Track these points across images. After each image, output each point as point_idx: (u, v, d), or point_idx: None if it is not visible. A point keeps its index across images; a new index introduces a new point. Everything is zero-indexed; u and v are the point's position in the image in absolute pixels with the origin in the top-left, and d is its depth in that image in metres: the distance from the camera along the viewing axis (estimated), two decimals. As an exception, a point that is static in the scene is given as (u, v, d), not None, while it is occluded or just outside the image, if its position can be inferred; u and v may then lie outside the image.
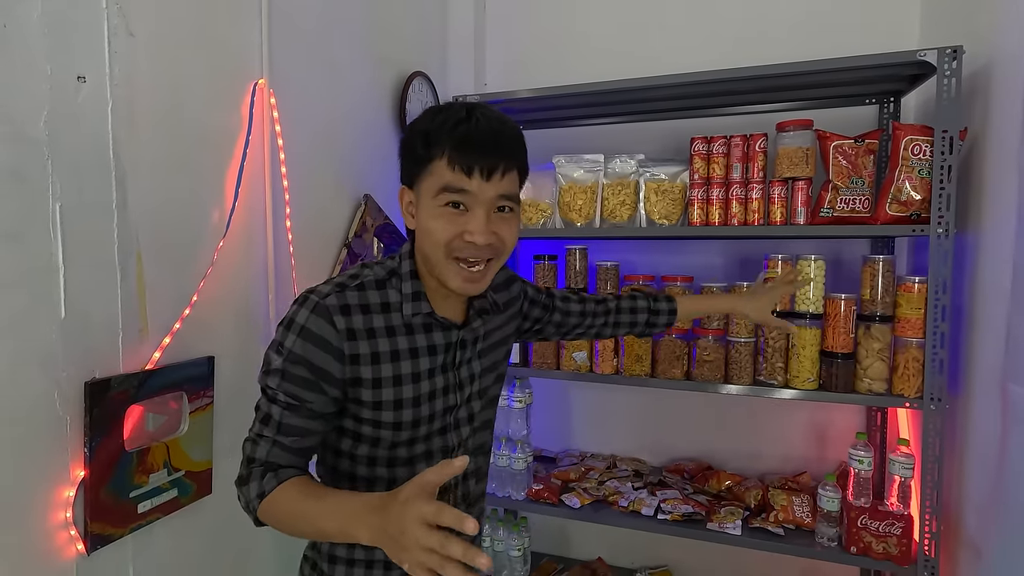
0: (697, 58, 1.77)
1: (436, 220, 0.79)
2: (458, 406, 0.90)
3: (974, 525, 1.36)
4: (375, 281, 0.84)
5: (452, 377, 0.89)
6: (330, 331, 0.78)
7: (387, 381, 0.82)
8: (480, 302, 0.91)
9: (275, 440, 0.79)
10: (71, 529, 0.95)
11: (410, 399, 0.84)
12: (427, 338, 0.85)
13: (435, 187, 0.79)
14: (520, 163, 0.83)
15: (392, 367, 0.82)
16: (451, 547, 0.58)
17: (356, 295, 0.81)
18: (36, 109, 0.89)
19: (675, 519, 1.68)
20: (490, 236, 0.79)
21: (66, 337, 0.94)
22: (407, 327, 0.84)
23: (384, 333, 0.82)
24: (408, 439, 0.86)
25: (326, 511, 0.71)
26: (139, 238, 1.05)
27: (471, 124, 0.78)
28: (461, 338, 0.88)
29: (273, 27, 1.33)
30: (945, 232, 1.37)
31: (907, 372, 1.46)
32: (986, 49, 1.35)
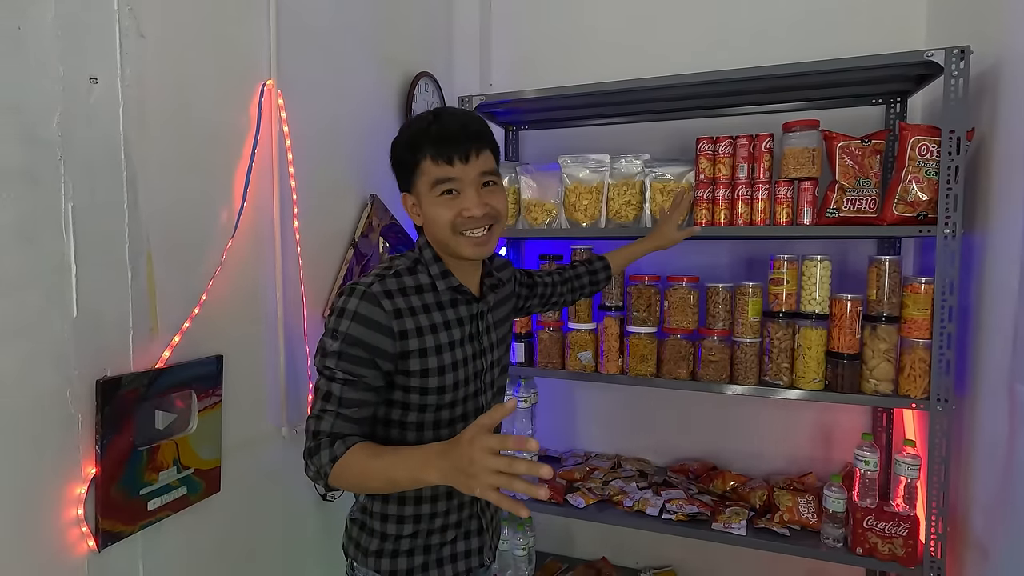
0: (703, 58, 1.77)
1: (437, 208, 0.95)
2: (484, 371, 1.05)
3: (981, 526, 1.36)
4: (406, 268, 0.98)
5: (476, 345, 1.03)
6: (380, 313, 0.91)
7: (431, 351, 0.95)
8: (490, 280, 1.07)
9: (338, 412, 0.90)
10: (82, 526, 0.96)
11: (449, 365, 0.98)
12: (455, 312, 1.00)
13: (428, 183, 0.95)
14: (489, 143, 0.98)
15: (433, 338, 0.96)
16: (517, 465, 0.70)
17: (394, 281, 0.95)
18: (49, 110, 0.90)
19: (680, 519, 1.68)
20: (484, 207, 0.95)
21: (78, 336, 0.95)
22: (438, 304, 0.99)
23: (422, 310, 0.96)
24: (450, 402, 0.99)
25: (396, 463, 0.82)
26: (150, 238, 1.06)
27: (440, 124, 0.94)
28: (480, 310, 1.04)
29: (281, 28, 1.34)
30: (952, 233, 1.37)
31: (914, 373, 1.46)
32: (994, 49, 1.35)
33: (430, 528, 1.02)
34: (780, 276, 1.59)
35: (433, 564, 1.02)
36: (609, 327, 1.76)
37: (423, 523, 1.02)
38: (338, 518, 1.57)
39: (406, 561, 1.02)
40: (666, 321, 1.71)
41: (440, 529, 1.03)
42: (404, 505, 1.01)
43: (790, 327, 1.59)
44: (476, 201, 0.93)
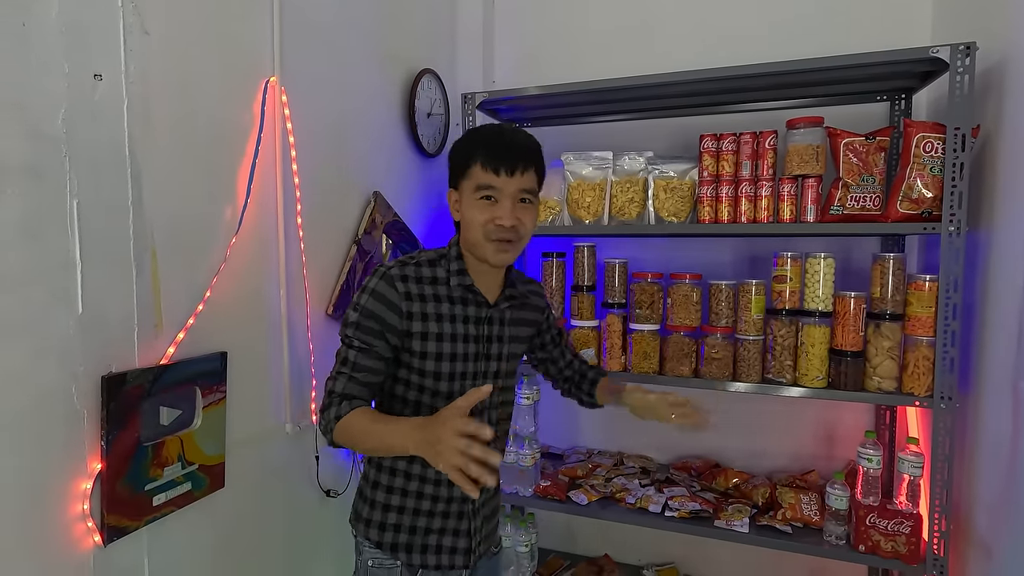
0: (706, 55, 1.77)
1: (474, 210, 1.03)
2: (484, 374, 1.09)
3: (984, 524, 1.36)
4: (427, 261, 1.08)
5: (482, 347, 1.09)
6: (393, 293, 1.01)
7: (432, 336, 1.04)
8: (511, 290, 1.13)
9: (350, 376, 1.01)
10: (88, 521, 0.97)
11: (448, 354, 1.05)
12: (464, 308, 1.07)
13: (473, 186, 1.03)
14: (536, 165, 1.06)
15: (437, 325, 1.04)
16: (474, 448, 0.78)
17: (413, 268, 1.05)
18: (54, 107, 0.91)
19: (682, 516, 1.68)
20: (514, 219, 1.02)
21: (83, 332, 0.95)
22: (449, 297, 1.06)
23: (432, 299, 1.04)
24: (446, 391, 1.06)
25: (387, 429, 0.94)
26: (154, 235, 1.06)
27: (497, 137, 1.04)
28: (489, 315, 1.09)
29: (285, 25, 1.34)
30: (957, 230, 1.36)
31: (917, 370, 1.46)
32: (999, 45, 1.34)
33: (417, 507, 1.08)
34: (783, 273, 1.59)
35: (417, 547, 1.08)
36: (612, 324, 1.75)
37: (410, 499, 1.08)
38: (342, 514, 1.58)
39: (391, 535, 1.08)
40: (669, 318, 1.71)
41: (427, 513, 1.08)
42: (395, 477, 1.09)
43: (793, 324, 1.59)
44: (509, 212, 1.02)
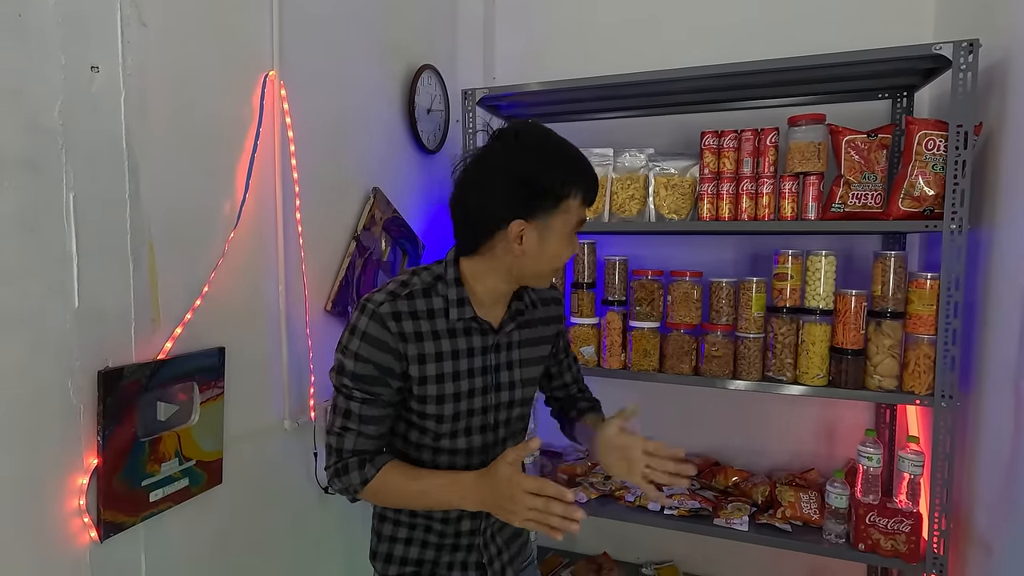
0: (707, 52, 1.76)
1: (563, 245, 0.93)
2: (495, 407, 1.00)
3: (985, 523, 1.35)
4: (422, 289, 0.95)
5: (490, 379, 0.99)
6: (387, 335, 0.90)
7: (431, 379, 0.94)
8: (517, 304, 1.01)
9: (359, 431, 0.93)
10: (84, 516, 0.96)
11: (451, 395, 0.95)
12: (467, 341, 0.96)
13: (572, 220, 0.92)
14: None
15: (436, 367, 0.94)
16: (553, 507, 0.82)
17: (406, 303, 0.92)
18: (50, 99, 0.90)
19: (682, 514, 1.68)
20: None
21: (80, 326, 0.95)
22: (450, 331, 0.95)
23: (430, 337, 0.93)
24: (449, 431, 0.97)
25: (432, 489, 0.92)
26: (151, 229, 1.06)
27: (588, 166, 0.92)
28: (496, 342, 0.99)
29: (284, 19, 1.33)
30: (958, 228, 1.36)
31: (918, 369, 1.45)
32: (1002, 42, 1.33)
33: (424, 539, 1.02)
34: (784, 271, 1.58)
35: None
36: (612, 322, 1.75)
37: (417, 531, 1.03)
38: (340, 511, 1.57)
39: (398, 568, 1.03)
40: (669, 316, 1.71)
41: (435, 546, 1.02)
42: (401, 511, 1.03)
43: (794, 322, 1.58)
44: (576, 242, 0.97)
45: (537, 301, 1.06)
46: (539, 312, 1.06)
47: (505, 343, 1.00)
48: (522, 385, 1.03)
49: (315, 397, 1.47)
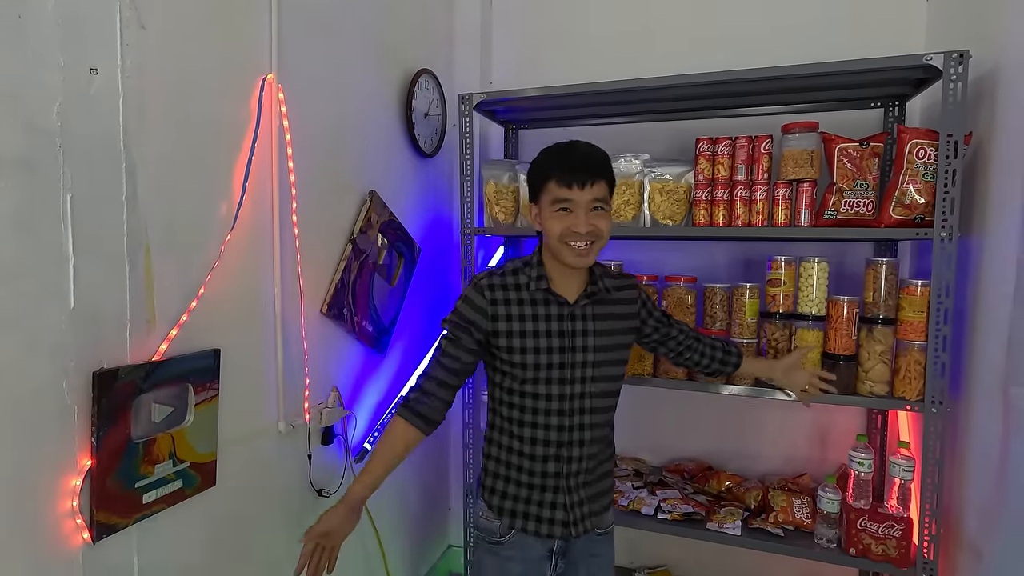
0: (702, 60, 1.77)
1: (552, 221, 1.17)
2: (571, 365, 1.21)
3: (974, 528, 1.37)
4: (512, 270, 1.25)
5: (567, 341, 1.22)
6: (480, 298, 1.22)
7: (515, 333, 1.21)
8: (592, 287, 1.24)
9: (439, 361, 1.24)
10: (77, 518, 0.96)
11: (531, 348, 1.21)
12: (545, 308, 1.22)
13: (550, 200, 1.17)
14: (605, 176, 1.18)
15: (519, 324, 1.21)
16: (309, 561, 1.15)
17: (499, 278, 1.24)
18: (49, 100, 0.90)
19: (675, 519, 1.68)
20: (589, 226, 1.15)
21: (75, 327, 0.94)
22: (532, 300, 1.22)
23: (516, 303, 1.22)
24: (532, 378, 1.21)
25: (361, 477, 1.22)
26: (148, 230, 1.06)
27: (570, 154, 1.17)
28: (571, 312, 1.22)
29: (283, 23, 1.33)
30: (949, 236, 1.38)
31: (909, 375, 1.47)
32: (992, 54, 1.35)
33: (518, 479, 1.25)
34: (778, 277, 1.59)
35: (519, 513, 1.25)
36: (606, 326, 1.76)
37: (512, 471, 1.25)
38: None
39: (498, 499, 1.27)
40: (663, 321, 1.72)
41: (527, 485, 1.24)
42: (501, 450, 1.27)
43: (787, 328, 1.59)
44: (583, 221, 1.14)
45: (612, 287, 1.29)
46: (614, 295, 1.29)
47: (580, 315, 1.23)
48: (595, 350, 1.23)
49: (310, 400, 1.47)
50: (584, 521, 1.25)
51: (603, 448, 1.29)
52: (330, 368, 1.57)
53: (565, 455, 1.22)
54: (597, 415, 1.25)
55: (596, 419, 1.25)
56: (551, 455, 1.22)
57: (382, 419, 1.76)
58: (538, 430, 1.22)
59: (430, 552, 2.07)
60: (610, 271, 1.33)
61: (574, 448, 1.23)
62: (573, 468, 1.23)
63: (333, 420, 1.53)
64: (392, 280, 1.78)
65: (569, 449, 1.23)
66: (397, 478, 1.85)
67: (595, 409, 1.25)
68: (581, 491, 1.25)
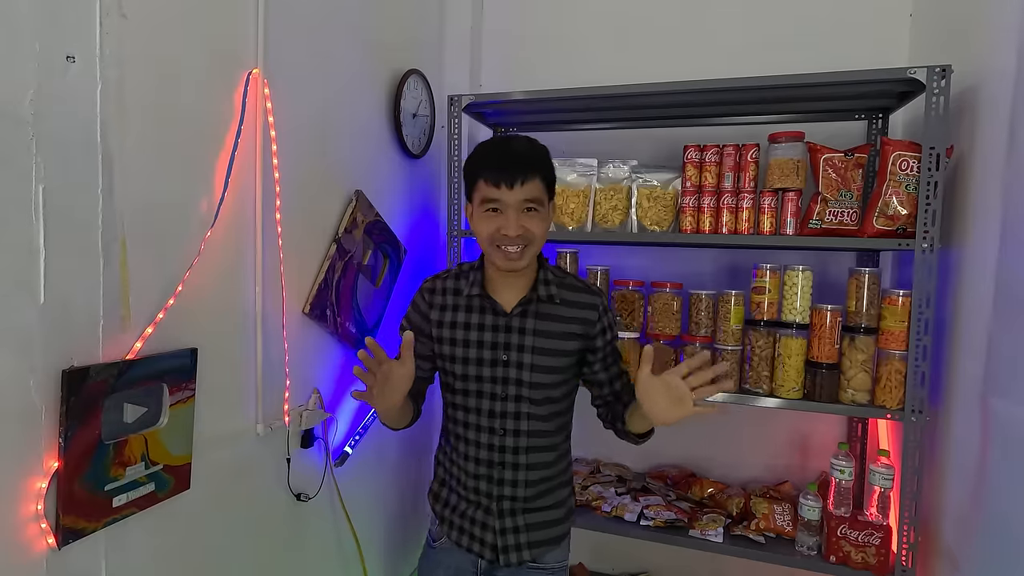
0: (692, 67, 1.79)
1: (481, 221, 1.11)
2: (505, 380, 1.15)
3: (952, 536, 1.38)
4: (455, 274, 1.22)
5: (500, 353, 1.15)
6: (422, 301, 1.22)
7: (446, 340, 1.18)
8: (530, 294, 1.16)
9: None
10: (42, 522, 0.92)
11: (461, 357, 1.17)
12: (479, 316, 1.17)
13: (479, 199, 1.10)
14: (541, 173, 1.09)
15: (451, 331, 1.18)
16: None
17: (441, 281, 1.22)
18: (22, 88, 0.87)
19: (658, 525, 1.68)
20: (519, 229, 1.07)
21: (44, 323, 0.91)
22: (467, 307, 1.18)
23: (450, 307, 1.19)
24: (462, 389, 1.18)
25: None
26: (124, 224, 1.02)
27: (500, 151, 1.09)
28: (506, 322, 1.15)
29: (269, 17, 1.31)
30: (930, 247, 1.40)
31: (890, 384, 1.48)
32: (974, 68, 1.38)
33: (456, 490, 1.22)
34: (763, 285, 1.60)
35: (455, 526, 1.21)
36: (592, 331, 1.75)
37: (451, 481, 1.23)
38: (314, 518, 1.54)
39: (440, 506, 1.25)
40: (649, 326, 1.72)
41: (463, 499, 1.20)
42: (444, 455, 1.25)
43: (771, 336, 1.60)
44: (513, 223, 1.07)
45: (560, 297, 1.16)
46: (562, 309, 1.16)
47: (518, 327, 1.15)
48: (532, 369, 1.14)
49: (290, 402, 1.44)
50: (519, 551, 1.16)
51: (550, 475, 1.19)
52: (311, 370, 1.54)
53: (497, 476, 1.16)
54: (537, 438, 1.16)
55: (536, 442, 1.16)
56: (482, 474, 1.17)
57: (364, 422, 1.74)
58: (469, 446, 1.17)
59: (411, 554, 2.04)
60: (568, 278, 1.19)
61: (506, 471, 1.15)
62: (507, 492, 1.16)
63: (313, 423, 1.50)
64: (377, 281, 1.76)
65: (501, 471, 1.15)
66: (376, 478, 1.83)
67: (534, 432, 1.15)
68: (518, 518, 1.16)
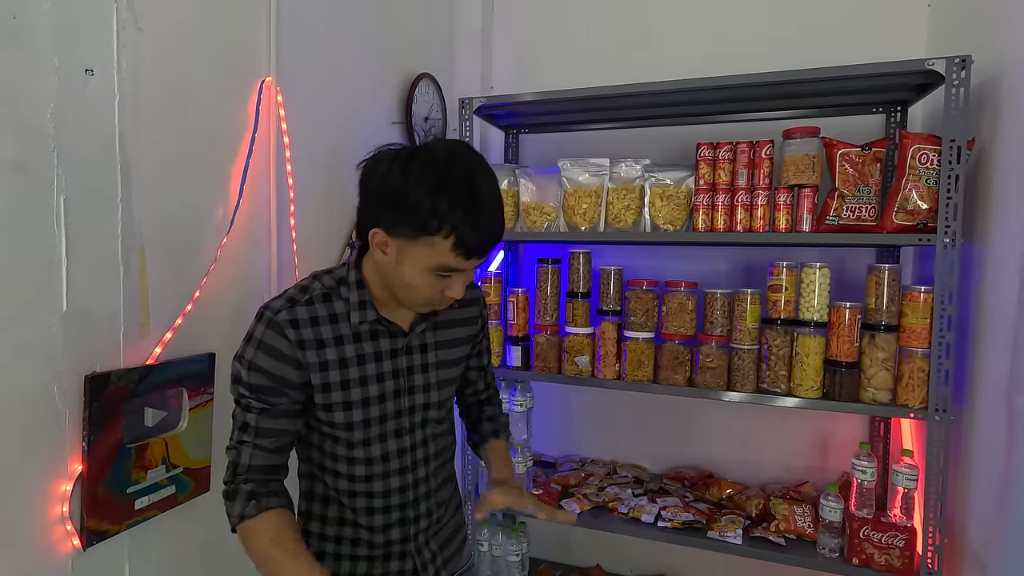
0: (704, 64, 1.77)
1: (422, 280, 0.85)
2: (409, 410, 0.97)
3: (978, 538, 1.35)
4: (322, 294, 0.91)
5: (403, 382, 0.95)
6: (283, 343, 0.86)
7: (336, 386, 0.90)
8: None
9: (255, 444, 0.88)
10: (67, 524, 0.95)
11: (359, 401, 0.91)
12: (374, 344, 0.92)
13: (432, 260, 0.83)
14: None
15: (340, 373, 0.90)
16: None
17: (305, 309, 0.88)
18: (43, 101, 0.89)
19: (675, 527, 1.66)
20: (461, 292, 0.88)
21: (67, 330, 0.93)
22: (355, 336, 0.91)
23: (332, 343, 0.89)
24: (362, 439, 0.93)
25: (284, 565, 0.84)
26: (143, 233, 1.05)
27: (477, 215, 0.81)
28: (406, 344, 0.95)
29: (281, 25, 1.33)
30: (952, 242, 1.36)
31: (912, 382, 1.45)
32: (994, 59, 1.34)
33: (353, 554, 0.97)
34: (779, 283, 1.58)
35: None
36: (607, 332, 1.74)
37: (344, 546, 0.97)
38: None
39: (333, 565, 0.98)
40: (664, 326, 1.70)
41: (366, 559, 0.97)
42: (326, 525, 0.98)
43: (788, 334, 1.58)
44: (460, 289, 0.88)
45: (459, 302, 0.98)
46: (457, 313, 1.01)
47: (418, 345, 0.96)
48: (439, 387, 0.99)
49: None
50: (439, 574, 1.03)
51: (449, 486, 1.07)
52: (327, 373, 1.56)
53: (412, 515, 0.98)
54: (440, 456, 1.03)
55: (440, 460, 1.03)
56: (394, 521, 0.96)
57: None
58: (375, 499, 0.95)
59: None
60: None
61: (420, 504, 0.99)
62: (422, 525, 0.99)
63: (330, 425, 1.52)
64: (391, 284, 1.77)
65: (416, 508, 0.98)
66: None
67: (439, 452, 1.02)
68: (432, 544, 1.02)
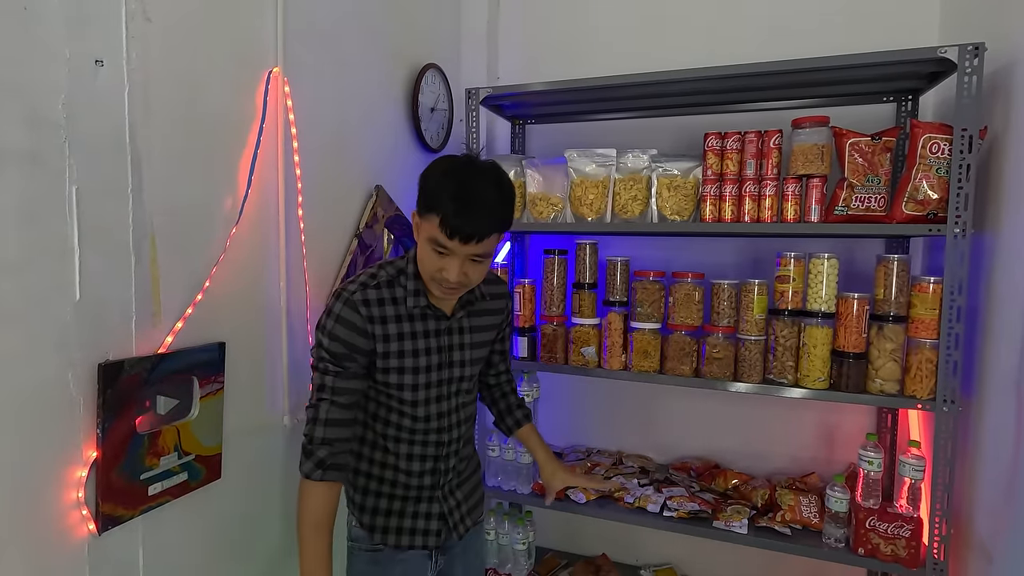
0: (712, 53, 1.76)
1: (427, 254, 1.06)
2: (450, 380, 1.18)
3: (985, 528, 1.35)
4: (387, 281, 1.12)
5: (444, 357, 1.17)
6: (357, 317, 1.08)
7: (394, 355, 1.11)
8: (468, 295, 1.17)
9: (332, 400, 1.07)
10: (83, 509, 0.96)
11: (411, 368, 1.13)
12: (424, 325, 1.14)
13: (427, 234, 1.04)
14: (498, 231, 1.04)
15: (399, 344, 1.11)
16: None
17: (374, 292, 1.10)
18: (54, 92, 0.90)
19: (681, 516, 1.67)
20: (460, 276, 1.05)
21: (80, 320, 0.95)
22: (410, 316, 1.12)
23: (393, 320, 1.11)
24: (411, 400, 1.15)
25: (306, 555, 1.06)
26: (153, 223, 1.06)
27: (465, 200, 0.99)
28: (448, 326, 1.17)
29: (289, 15, 1.33)
30: (962, 232, 1.35)
31: (920, 373, 1.45)
32: (1008, 47, 1.33)
33: (391, 492, 1.19)
34: (787, 274, 1.58)
35: (392, 529, 1.18)
36: (613, 322, 1.75)
37: (385, 485, 1.19)
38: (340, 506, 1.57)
39: (370, 517, 1.19)
40: (670, 317, 1.70)
41: (401, 498, 1.19)
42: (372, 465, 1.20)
43: (795, 325, 1.57)
44: (456, 271, 1.04)
45: (487, 295, 1.23)
46: (488, 304, 1.24)
47: (456, 327, 1.18)
48: (471, 364, 1.21)
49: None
50: (464, 521, 1.25)
51: (470, 446, 1.30)
52: (335, 363, 1.57)
53: (442, 467, 1.20)
54: (468, 421, 1.25)
55: (467, 424, 1.25)
56: (427, 469, 1.19)
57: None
58: (415, 446, 1.17)
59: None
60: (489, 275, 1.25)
61: (450, 459, 1.21)
62: (449, 477, 1.22)
63: (338, 414, 1.53)
64: (398, 275, 1.78)
65: (446, 461, 1.21)
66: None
67: (467, 418, 1.24)
68: (457, 493, 1.24)
